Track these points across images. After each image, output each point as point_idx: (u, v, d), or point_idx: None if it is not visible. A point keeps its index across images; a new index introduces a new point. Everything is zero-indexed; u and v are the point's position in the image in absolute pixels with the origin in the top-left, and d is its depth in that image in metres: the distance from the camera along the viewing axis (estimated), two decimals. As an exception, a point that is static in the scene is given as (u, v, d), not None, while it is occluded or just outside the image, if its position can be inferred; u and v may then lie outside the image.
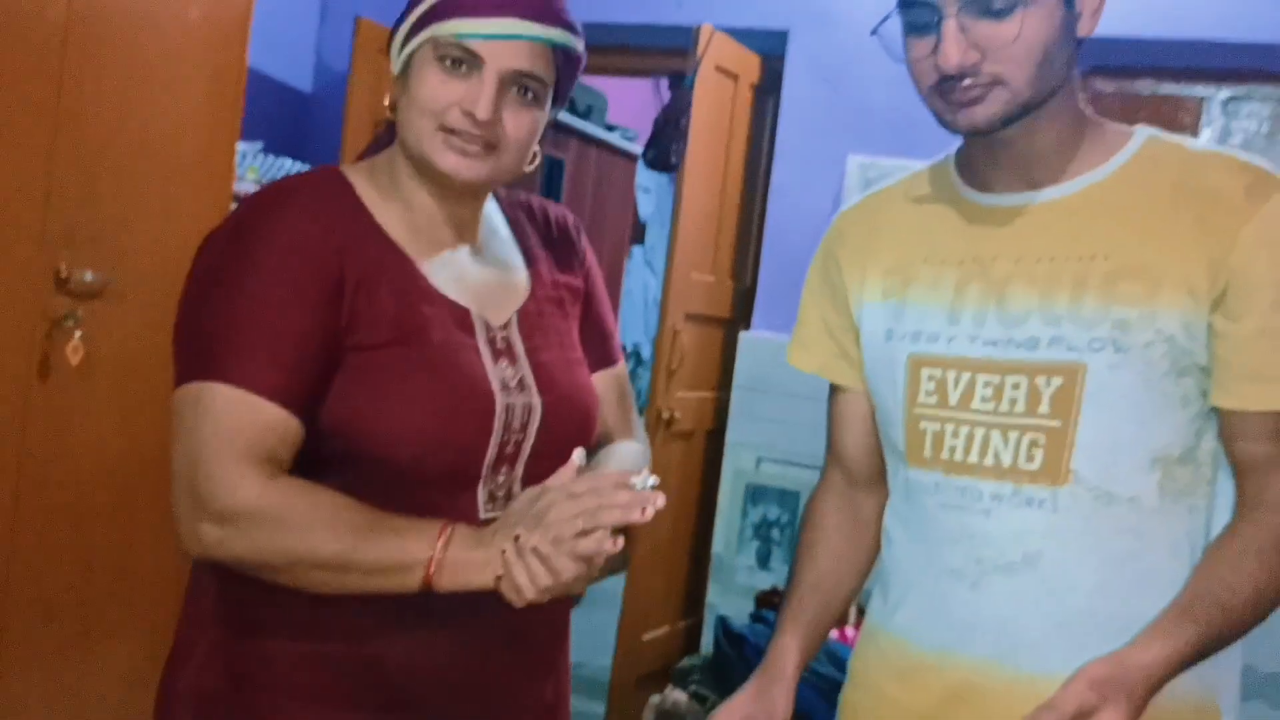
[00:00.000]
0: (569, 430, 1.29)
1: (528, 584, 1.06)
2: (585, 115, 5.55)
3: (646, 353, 6.13)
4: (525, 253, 1.38)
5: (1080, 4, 1.13)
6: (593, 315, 1.43)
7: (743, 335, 3.70)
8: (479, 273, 1.30)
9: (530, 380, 1.27)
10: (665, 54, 3.89)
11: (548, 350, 1.32)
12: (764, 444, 3.61)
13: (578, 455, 1.16)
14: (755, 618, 3.27)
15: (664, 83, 5.86)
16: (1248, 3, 3.15)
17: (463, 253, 1.30)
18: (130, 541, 2.60)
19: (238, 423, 1.11)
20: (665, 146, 3.72)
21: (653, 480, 1.10)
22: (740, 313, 3.92)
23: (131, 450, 2.56)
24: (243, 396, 1.11)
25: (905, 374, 1.22)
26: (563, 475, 1.14)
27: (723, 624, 3.16)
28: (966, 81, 1.10)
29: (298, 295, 1.15)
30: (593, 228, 5.81)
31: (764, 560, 3.65)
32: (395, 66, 1.26)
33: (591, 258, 1.47)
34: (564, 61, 1.25)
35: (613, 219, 6.20)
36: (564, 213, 1.46)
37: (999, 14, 1.08)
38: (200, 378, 1.13)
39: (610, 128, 5.92)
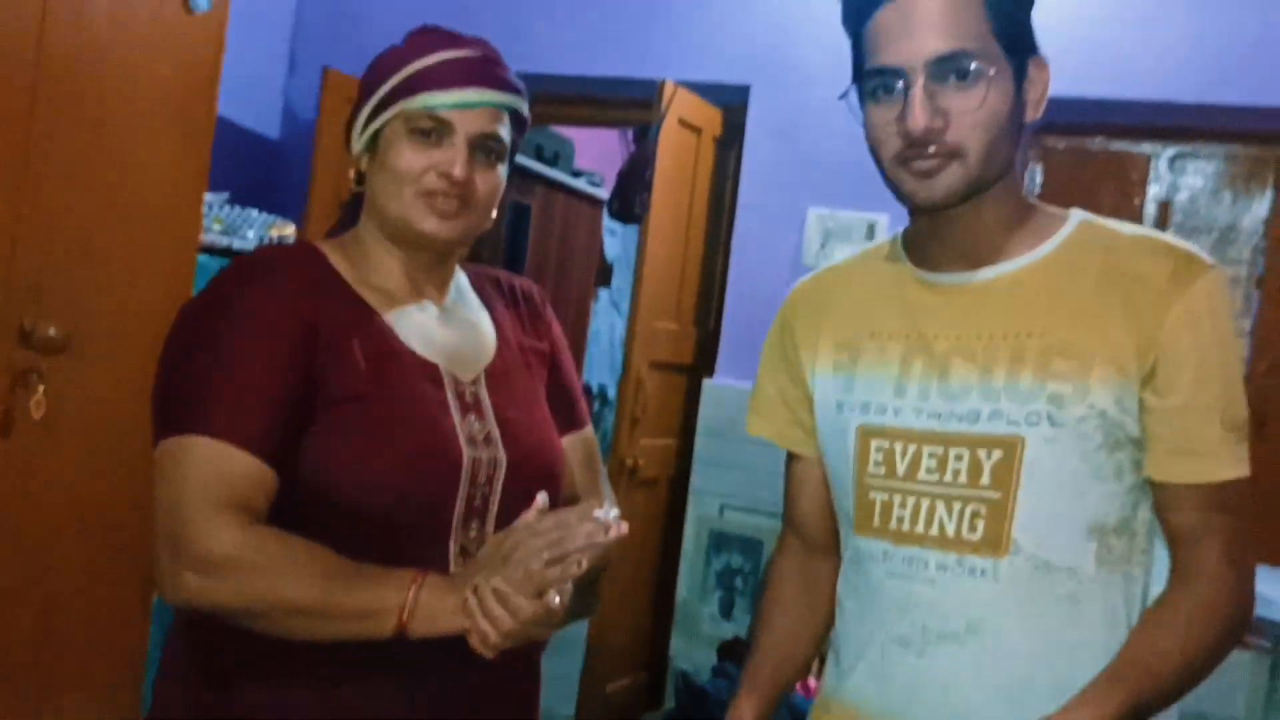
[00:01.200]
0: (535, 486, 1.31)
1: (490, 630, 1.10)
2: (552, 162, 5.61)
3: (612, 394, 6.15)
4: (492, 316, 1.44)
5: (1027, 91, 1.19)
6: (559, 380, 1.48)
7: (706, 383, 3.74)
8: (447, 333, 1.36)
9: (496, 435, 1.32)
10: (630, 105, 3.96)
11: (514, 407, 1.36)
12: (727, 491, 3.64)
13: (541, 499, 1.20)
14: (717, 671, 3.30)
15: (631, 130, 5.94)
16: (1191, 65, 3.25)
17: (431, 314, 1.36)
18: (93, 596, 2.59)
19: (216, 472, 1.16)
20: (629, 197, 3.78)
21: (615, 511, 1.16)
22: (703, 360, 3.97)
23: (95, 505, 2.56)
24: (220, 447, 1.16)
25: (855, 444, 1.26)
26: (528, 517, 1.19)
27: (684, 679, 3.18)
28: (930, 149, 1.14)
29: (272, 352, 1.21)
30: (559, 271, 5.85)
31: (727, 609, 3.67)
32: (358, 145, 1.34)
33: (556, 326, 1.53)
34: (515, 122, 1.36)
35: (579, 262, 6.25)
36: (529, 284, 1.54)
37: (964, 83, 1.13)
38: (179, 432, 1.18)
39: (577, 173, 5.98)
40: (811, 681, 3.00)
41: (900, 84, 1.14)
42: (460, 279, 1.44)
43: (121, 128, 2.60)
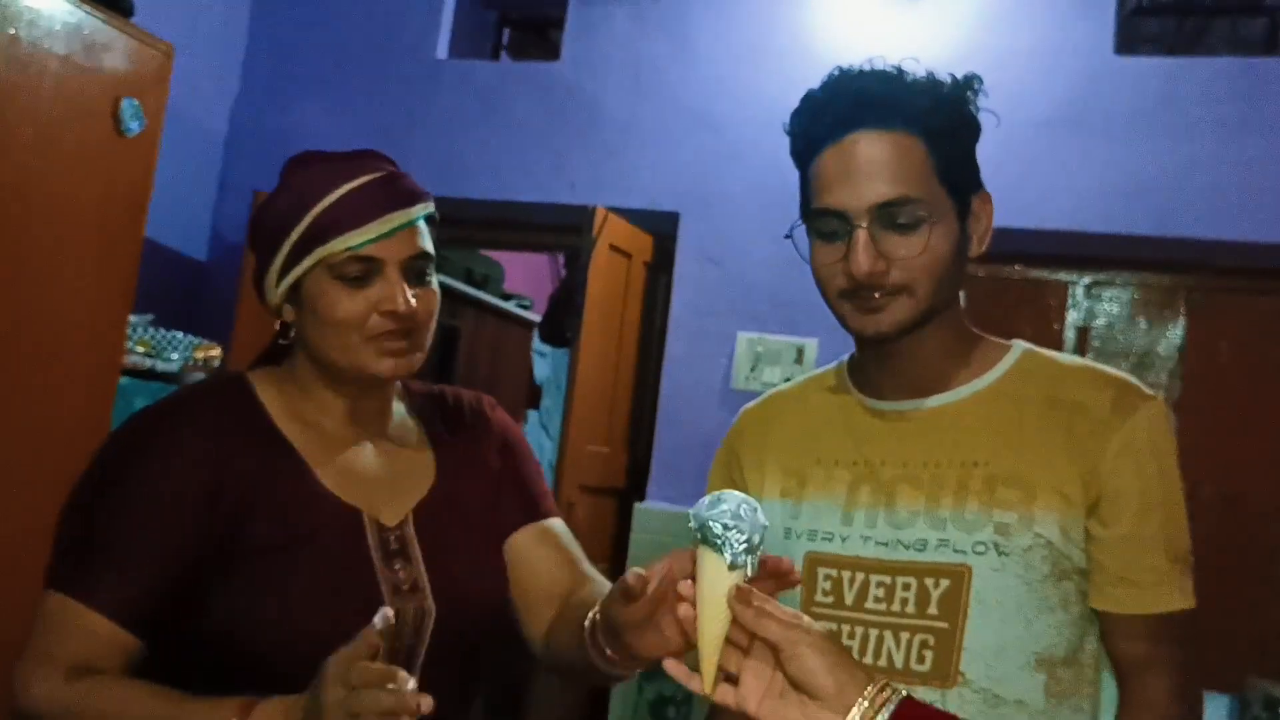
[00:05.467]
0: (467, 634, 1.27)
1: None
2: (482, 285, 5.62)
3: (540, 519, 6.06)
4: (433, 445, 1.36)
5: (971, 227, 1.21)
6: (516, 477, 1.40)
7: (637, 506, 3.71)
8: (379, 469, 1.29)
9: (424, 582, 1.24)
10: (562, 231, 4.00)
11: (446, 548, 1.28)
12: (659, 618, 3.58)
13: (380, 617, 1.01)
14: (652, 803, 3.19)
15: (561, 254, 6.00)
16: (1106, 198, 3.40)
17: (365, 450, 1.30)
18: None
19: (63, 632, 1.13)
20: (560, 322, 3.80)
21: (413, 683, 0.99)
22: (634, 483, 3.94)
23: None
24: (80, 611, 1.13)
25: (802, 572, 1.24)
26: (357, 648, 1.00)
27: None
28: (876, 294, 1.15)
29: (162, 519, 1.16)
30: (488, 393, 5.82)
31: (660, 739, 3.58)
32: (275, 297, 1.26)
33: (508, 430, 1.44)
34: (431, 224, 1.29)
35: (508, 384, 6.22)
36: (476, 395, 1.46)
37: (907, 229, 1.14)
38: (53, 587, 1.16)
39: (506, 296, 5.99)
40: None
41: (844, 226, 1.15)
42: (399, 407, 1.37)
43: (46, 247, 2.56)
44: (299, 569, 1.18)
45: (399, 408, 1.37)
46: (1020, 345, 1.27)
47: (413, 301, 1.22)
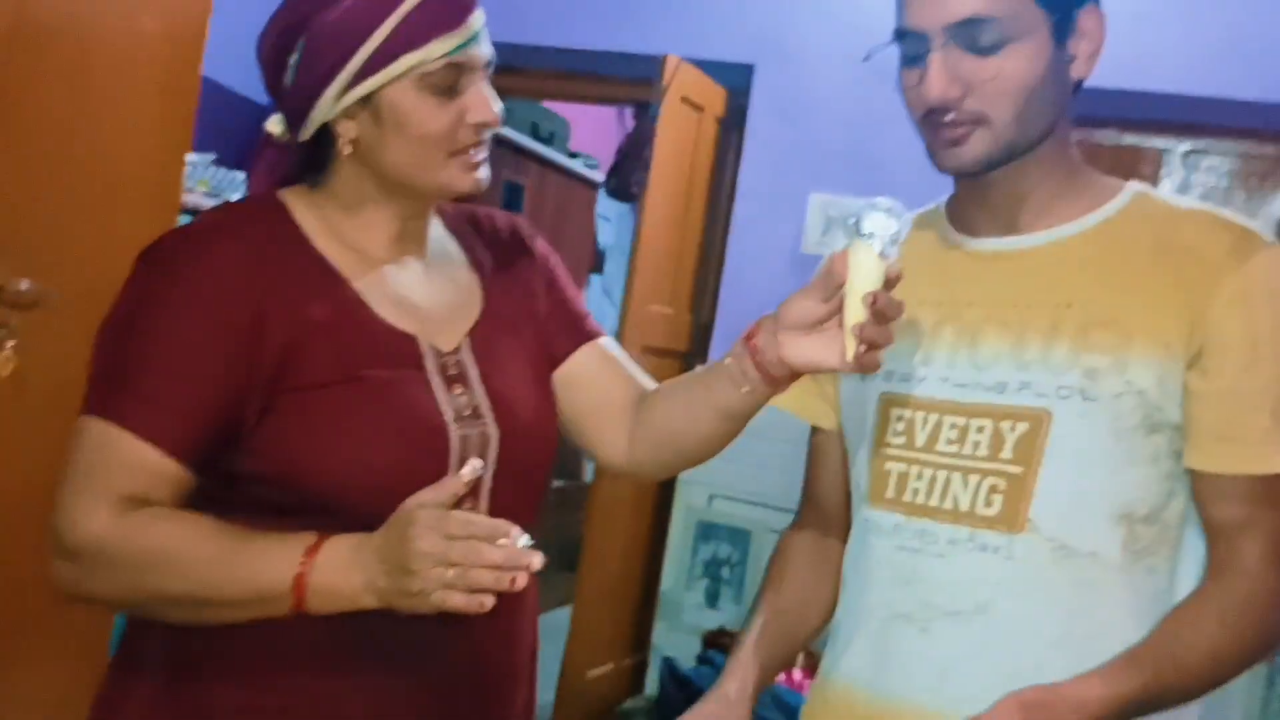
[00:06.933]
0: (529, 458, 1.24)
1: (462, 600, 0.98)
2: (548, 141, 5.53)
3: (601, 382, 6.07)
4: (476, 268, 1.32)
5: (1074, 46, 1.11)
6: (559, 300, 1.36)
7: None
8: (429, 294, 1.24)
9: (485, 407, 1.21)
10: (631, 83, 3.86)
11: (502, 373, 1.25)
12: (716, 481, 3.57)
13: (469, 468, 1.06)
14: (702, 659, 3.23)
15: (627, 111, 5.86)
16: (1208, 58, 3.19)
17: (413, 274, 1.24)
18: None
19: (108, 461, 1.07)
20: (627, 175, 3.70)
21: (526, 539, 1.00)
22: (698, 347, 3.89)
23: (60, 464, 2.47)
24: (124, 438, 1.06)
25: (875, 413, 1.20)
26: (441, 494, 1.05)
27: (669, 666, 3.10)
28: (950, 116, 1.09)
29: (207, 341, 1.09)
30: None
31: (713, 599, 3.60)
32: (332, 110, 1.17)
33: (547, 253, 1.40)
34: None
35: (571, 247, 6.17)
36: (511, 217, 1.41)
37: (984, 50, 1.07)
38: (93, 413, 1.09)
39: (573, 155, 5.89)
40: (796, 674, 2.93)
41: (923, 47, 1.10)
42: (437, 229, 1.31)
43: (102, 82, 2.50)
44: (359, 401, 1.13)
45: (436, 227, 1.31)
46: (1134, 186, 1.18)
47: (498, 109, 1.18)
